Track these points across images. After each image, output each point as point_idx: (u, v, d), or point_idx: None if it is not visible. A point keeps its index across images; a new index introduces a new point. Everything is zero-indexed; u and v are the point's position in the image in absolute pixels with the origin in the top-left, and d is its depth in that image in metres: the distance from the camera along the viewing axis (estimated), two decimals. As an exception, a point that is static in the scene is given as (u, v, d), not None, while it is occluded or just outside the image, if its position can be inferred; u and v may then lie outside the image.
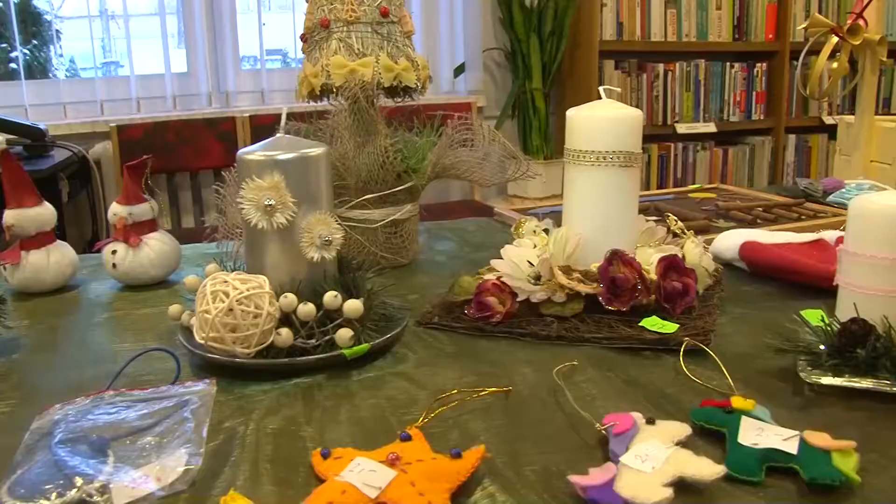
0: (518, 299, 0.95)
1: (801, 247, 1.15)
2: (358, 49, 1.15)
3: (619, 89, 1.00)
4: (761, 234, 1.18)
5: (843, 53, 1.67)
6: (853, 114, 1.74)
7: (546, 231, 1.06)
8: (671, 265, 0.92)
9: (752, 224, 1.38)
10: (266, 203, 0.82)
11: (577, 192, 1.00)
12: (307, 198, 0.86)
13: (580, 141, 0.98)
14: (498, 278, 0.95)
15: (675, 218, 1.12)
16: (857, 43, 1.64)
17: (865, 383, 0.74)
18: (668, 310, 0.91)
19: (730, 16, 3.83)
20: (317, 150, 0.87)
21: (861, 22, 1.65)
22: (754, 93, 3.95)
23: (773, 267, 1.10)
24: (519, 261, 0.97)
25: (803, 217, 1.41)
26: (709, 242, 1.20)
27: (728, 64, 3.89)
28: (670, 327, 0.88)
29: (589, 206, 0.99)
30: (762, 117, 3.99)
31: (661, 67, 3.77)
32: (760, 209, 1.46)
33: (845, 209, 1.52)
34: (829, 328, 0.78)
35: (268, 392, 0.79)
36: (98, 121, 3.17)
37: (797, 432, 0.64)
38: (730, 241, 1.17)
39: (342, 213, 1.18)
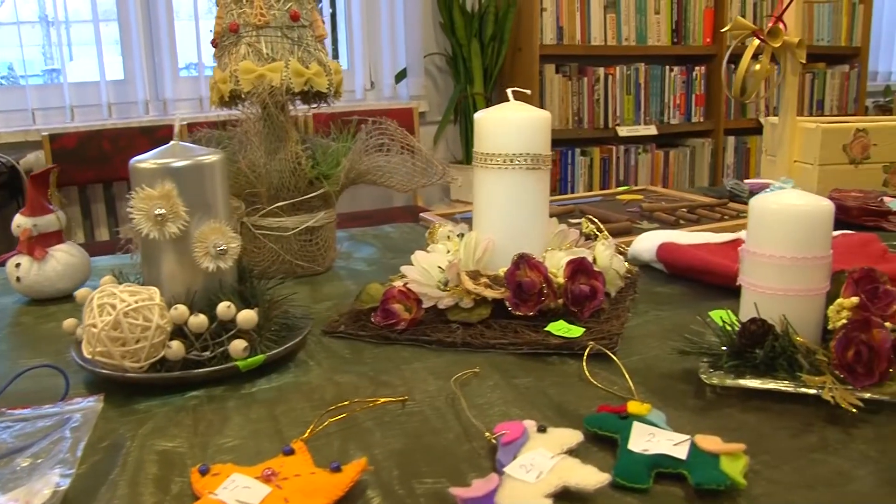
0: (424, 306, 0.93)
1: (719, 247, 1.15)
2: (267, 54, 1.12)
3: (528, 91, 0.99)
4: (679, 235, 1.18)
5: (765, 56, 1.68)
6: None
7: (460, 236, 1.05)
8: (579, 268, 0.91)
9: (674, 225, 1.38)
10: (156, 213, 0.80)
11: (486, 196, 0.98)
12: (202, 206, 0.84)
13: (487, 144, 0.97)
14: (404, 285, 0.93)
15: (591, 219, 1.11)
16: (777, 45, 1.65)
17: (764, 384, 0.73)
18: (575, 313, 0.90)
19: (668, 20, 3.86)
20: (212, 157, 0.85)
21: (781, 25, 1.67)
22: (693, 95, 3.98)
23: (688, 268, 1.09)
24: (429, 266, 0.96)
25: (726, 217, 1.42)
26: (629, 244, 1.20)
27: (667, 67, 3.92)
28: (576, 331, 0.86)
29: (498, 209, 0.97)
30: (702, 119, 4.03)
31: (601, 71, 3.78)
32: (685, 210, 1.46)
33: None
34: (731, 329, 0.77)
35: (161, 406, 0.77)
36: (30, 129, 3.09)
37: (688, 437, 0.63)
38: (648, 242, 1.16)
39: (255, 221, 1.16)
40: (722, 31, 3.76)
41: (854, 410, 0.68)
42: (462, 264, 0.96)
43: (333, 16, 3.72)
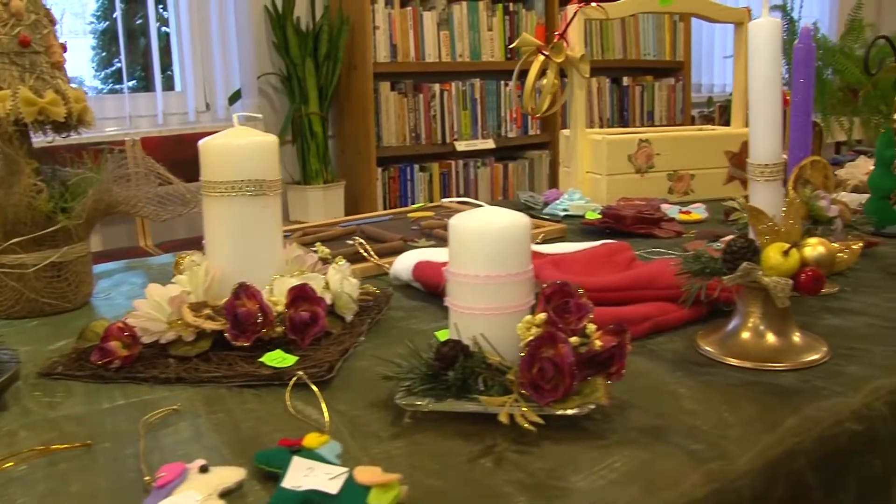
0: (147, 341, 0.89)
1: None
2: (-7, 82, 1.06)
3: (259, 115, 0.97)
4: (440, 253, 1.18)
5: (551, 71, 1.71)
6: (622, 126, 1.79)
7: (203, 265, 1.01)
8: (300, 295, 0.89)
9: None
10: None
11: (214, 224, 0.96)
12: None
13: (211, 171, 0.94)
14: (124, 321, 0.89)
15: (361, 242, 1.10)
16: (560, 61, 1.69)
17: (450, 406, 0.73)
18: (296, 341, 0.88)
19: (501, 36, 3.92)
20: None
21: (564, 42, 1.71)
22: (529, 109, 4.05)
23: (438, 286, 1.09)
24: (161, 300, 0.92)
25: (504, 232, 1.42)
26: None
27: (502, 82, 3.99)
28: (289, 360, 0.84)
29: (226, 237, 0.95)
30: (538, 132, 4.11)
31: (436, 87, 3.81)
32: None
33: (558, 221, 1.55)
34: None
35: None
36: None
37: (346, 469, 0.61)
38: (407, 261, 1.16)
39: (-7, 258, 1.09)
40: (510, 46, 3.86)
41: (532, 429, 0.68)
42: (187, 295, 0.93)
43: (167, 37, 3.63)
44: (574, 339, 0.72)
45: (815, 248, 0.86)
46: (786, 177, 1.00)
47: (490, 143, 3.91)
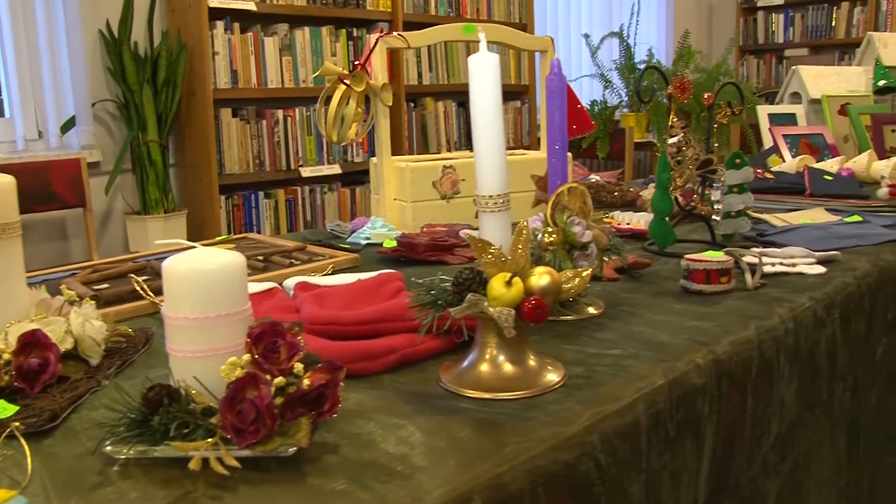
0: None
1: (252, 297, 1.15)
2: None
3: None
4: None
5: (353, 99, 1.73)
6: (469, 149, 1.82)
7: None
8: (29, 341, 0.87)
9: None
10: None
11: (-57, 271, 0.92)
12: None
13: (-62, 216, 0.91)
14: None
15: (138, 281, 1.07)
16: (360, 90, 1.71)
17: (155, 452, 0.72)
18: (25, 389, 0.86)
19: (345, 61, 3.94)
20: None
21: (365, 70, 1.73)
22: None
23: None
24: None
25: (295, 262, 1.43)
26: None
27: (348, 107, 4.00)
28: (10, 410, 0.82)
29: (-43, 284, 0.92)
30: (386, 156, 4.14)
31: (280, 113, 3.79)
32: (260, 258, 1.46)
33: (358, 250, 1.56)
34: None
35: None
36: None
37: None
38: (176, 300, 1.14)
39: None
40: (314, 76, 3.88)
41: (226, 472, 0.68)
42: (-74, 344, 0.89)
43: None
44: (279, 380, 0.73)
45: (540, 276, 0.89)
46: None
47: (336, 169, 3.92)
